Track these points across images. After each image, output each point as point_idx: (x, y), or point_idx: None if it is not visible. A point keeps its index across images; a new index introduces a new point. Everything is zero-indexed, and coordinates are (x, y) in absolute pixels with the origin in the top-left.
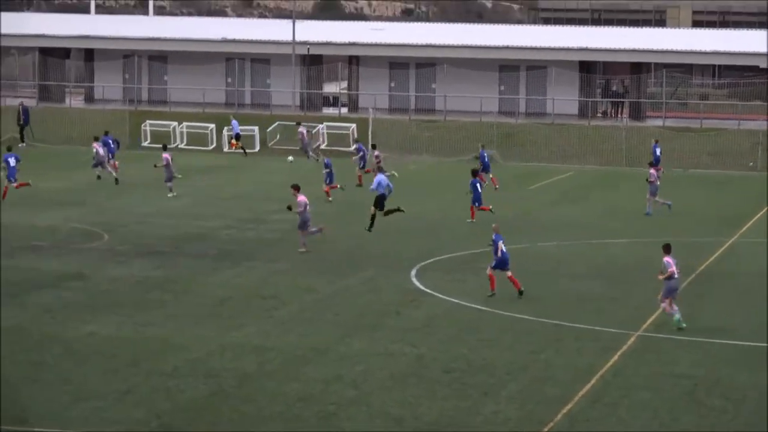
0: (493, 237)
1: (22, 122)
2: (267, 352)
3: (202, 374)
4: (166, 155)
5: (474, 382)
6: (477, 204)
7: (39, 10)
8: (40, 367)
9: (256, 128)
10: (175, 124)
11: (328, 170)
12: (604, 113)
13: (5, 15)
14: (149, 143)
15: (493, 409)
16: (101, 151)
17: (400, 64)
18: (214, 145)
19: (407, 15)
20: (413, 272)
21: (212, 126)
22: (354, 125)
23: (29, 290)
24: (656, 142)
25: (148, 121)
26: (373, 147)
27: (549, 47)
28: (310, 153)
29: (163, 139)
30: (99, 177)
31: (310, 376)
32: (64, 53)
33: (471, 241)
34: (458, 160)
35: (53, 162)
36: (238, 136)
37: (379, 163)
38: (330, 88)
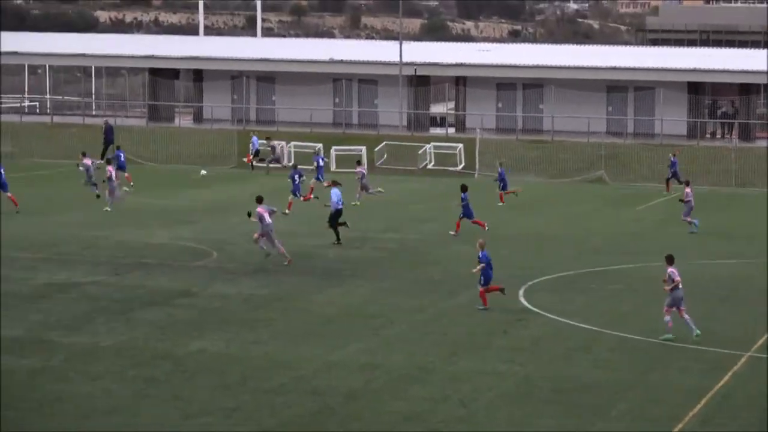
0: (480, 254)
1: (105, 140)
2: (373, 371)
3: (308, 391)
4: (110, 168)
5: (582, 402)
6: (464, 218)
7: (149, 31)
8: (150, 383)
9: (363, 148)
10: (282, 143)
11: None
12: (713, 134)
13: (118, 37)
14: (258, 162)
15: (601, 429)
16: (91, 167)
17: (507, 85)
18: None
19: (514, 36)
20: (521, 291)
21: (319, 146)
22: (461, 145)
23: (139, 307)
24: (674, 155)
25: (259, 140)
26: (358, 163)
27: (657, 68)
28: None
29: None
30: (98, 196)
31: (417, 395)
32: (174, 74)
33: (578, 261)
34: (572, 180)
35: (162, 180)
36: (257, 153)
37: (361, 179)
38: (437, 109)
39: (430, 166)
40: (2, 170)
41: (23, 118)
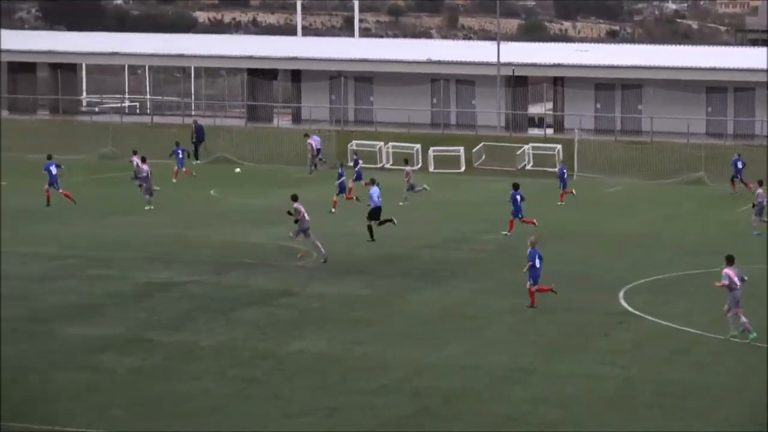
0: (529, 251)
1: (195, 140)
2: (472, 372)
3: (408, 392)
4: (145, 166)
5: (685, 405)
6: (519, 217)
7: (248, 32)
8: (251, 383)
9: (461, 149)
10: (381, 144)
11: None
12: None
13: (217, 37)
14: (389, 165)
15: None
16: (141, 165)
17: (606, 86)
18: (420, 164)
19: (612, 36)
20: (621, 294)
21: (418, 146)
22: (559, 146)
23: (239, 307)
24: (739, 155)
25: (354, 141)
26: (405, 162)
27: (757, 69)
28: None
29: (369, 159)
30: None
31: (516, 397)
32: (272, 74)
33: (677, 263)
34: (671, 181)
35: (260, 180)
36: (318, 152)
37: (408, 179)
38: (535, 109)
39: (528, 167)
40: (54, 168)
41: (123, 119)
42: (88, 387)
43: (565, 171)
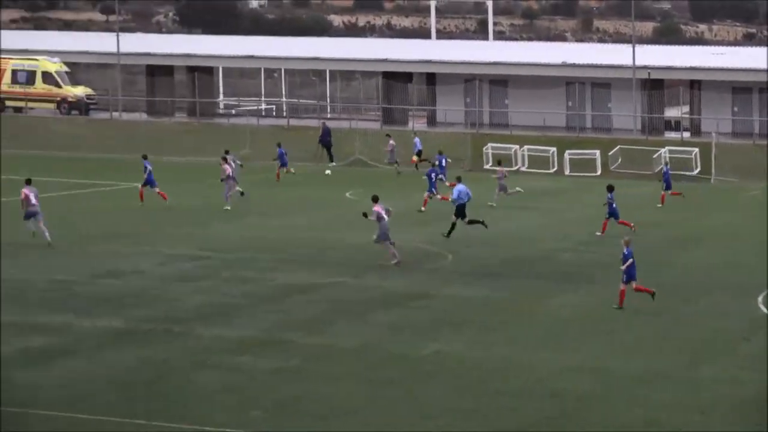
0: (625, 251)
1: (322, 141)
2: (609, 375)
3: (545, 395)
4: (227, 167)
5: None
6: (614, 218)
7: (382, 35)
8: (387, 384)
9: (597, 152)
10: (516, 147)
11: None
12: None
13: (352, 40)
14: (491, 166)
15: None
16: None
17: (743, 89)
18: (556, 168)
19: (749, 39)
20: (759, 298)
21: (553, 149)
22: (697, 149)
23: (376, 309)
24: None
25: (489, 144)
26: (499, 163)
27: None
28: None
29: (505, 162)
30: (242, 193)
31: (653, 401)
32: (407, 77)
33: None
34: None
35: (395, 183)
36: (419, 153)
37: (501, 179)
38: (672, 113)
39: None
40: (149, 167)
41: (260, 121)
42: (227, 387)
43: (669, 172)
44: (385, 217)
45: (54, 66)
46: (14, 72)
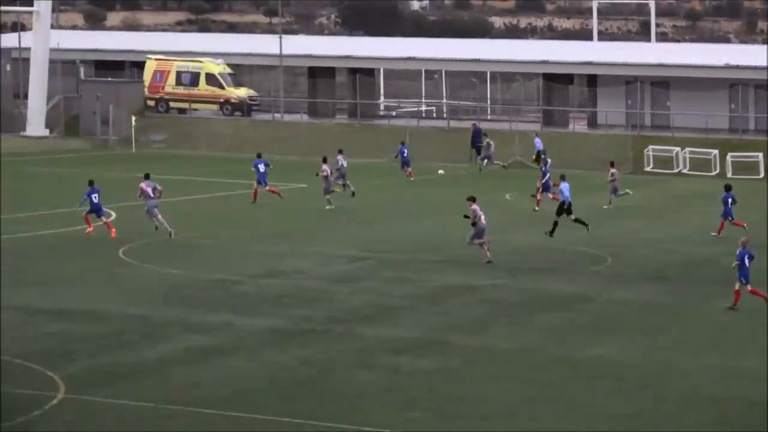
0: (739, 251)
1: (473, 143)
2: None
3: (707, 400)
4: (326, 167)
5: None
6: (729, 219)
7: (543, 37)
8: (548, 387)
9: (760, 155)
10: (677, 149)
11: None
12: None
13: (513, 42)
14: (652, 168)
15: None
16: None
17: None
18: (718, 170)
19: None
20: None
21: (715, 152)
22: None
23: (536, 311)
24: None
25: (650, 146)
26: (611, 164)
27: None
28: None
29: (666, 164)
30: (345, 187)
31: None
32: (568, 79)
33: None
34: None
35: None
36: (539, 154)
37: (613, 181)
38: None
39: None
40: (262, 166)
41: (420, 123)
42: (386, 388)
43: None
44: (483, 217)
45: (217, 68)
46: (178, 74)
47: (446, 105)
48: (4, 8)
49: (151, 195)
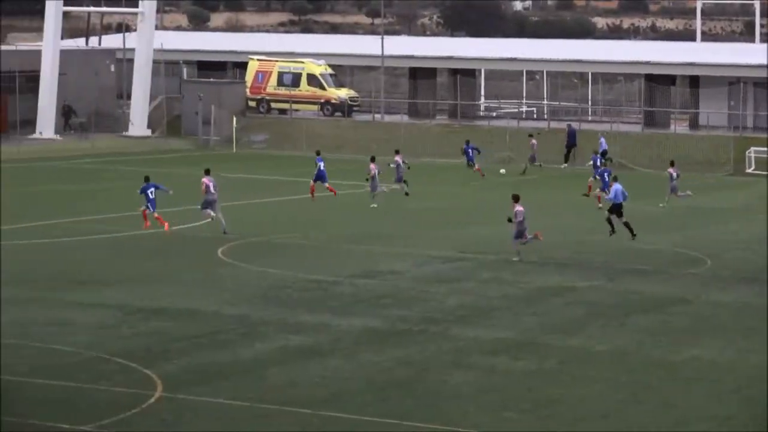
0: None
1: (568, 143)
2: None
3: None
4: (373, 166)
5: None
6: None
7: (646, 37)
8: (643, 389)
9: None
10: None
11: None
12: None
13: (615, 43)
14: (753, 169)
15: None
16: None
17: None
18: None
19: None
20: None
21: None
22: None
23: (633, 313)
24: None
25: (752, 148)
26: (671, 164)
27: None
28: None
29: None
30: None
31: None
32: (670, 80)
33: None
34: None
35: (654, 187)
36: (605, 153)
37: (673, 180)
38: None
39: None
40: (322, 164)
41: (520, 123)
42: (482, 388)
43: None
44: (522, 216)
45: (319, 68)
46: (280, 74)
47: (547, 106)
48: (109, 9)
49: (212, 190)
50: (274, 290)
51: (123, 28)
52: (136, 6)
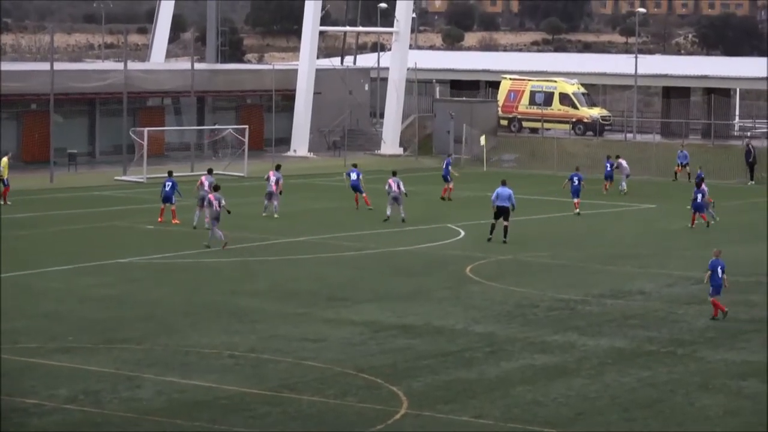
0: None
1: (751, 160)
2: None
3: None
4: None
5: None
6: None
7: None
8: None
9: None
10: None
11: None
12: None
13: None
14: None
15: None
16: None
17: None
18: None
19: None
20: None
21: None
22: None
23: None
24: None
25: None
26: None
27: None
28: None
29: None
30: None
31: None
32: None
33: None
34: None
35: None
36: (685, 166)
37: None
38: None
39: None
40: (356, 174)
41: None
42: (729, 411)
43: None
44: None
45: (571, 87)
46: (532, 93)
47: None
48: (364, 29)
49: (206, 188)
50: (521, 308)
51: (378, 47)
52: (391, 26)
